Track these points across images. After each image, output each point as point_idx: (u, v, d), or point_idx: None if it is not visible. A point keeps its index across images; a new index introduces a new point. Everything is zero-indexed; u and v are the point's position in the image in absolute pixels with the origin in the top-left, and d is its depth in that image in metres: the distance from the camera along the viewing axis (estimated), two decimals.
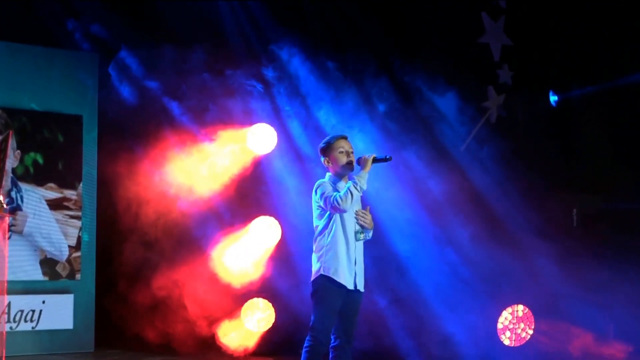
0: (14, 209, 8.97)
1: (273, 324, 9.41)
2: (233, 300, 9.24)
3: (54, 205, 9.25)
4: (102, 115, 9.47)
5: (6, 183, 8.90)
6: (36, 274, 9.13)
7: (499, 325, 9.37)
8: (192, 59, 9.14)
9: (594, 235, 9.67)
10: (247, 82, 9.22)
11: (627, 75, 9.52)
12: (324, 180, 6.12)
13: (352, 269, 5.99)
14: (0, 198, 8.19)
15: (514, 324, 9.43)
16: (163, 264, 9.25)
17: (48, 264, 9.19)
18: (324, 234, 6.02)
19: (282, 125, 9.39)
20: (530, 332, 9.51)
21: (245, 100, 9.25)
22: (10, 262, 8.76)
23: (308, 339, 5.95)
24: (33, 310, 9.03)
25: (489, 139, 9.70)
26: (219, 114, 9.16)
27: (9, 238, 8.85)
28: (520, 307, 9.46)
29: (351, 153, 6.13)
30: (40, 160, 9.21)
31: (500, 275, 9.16)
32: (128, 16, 9.07)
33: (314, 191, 6.09)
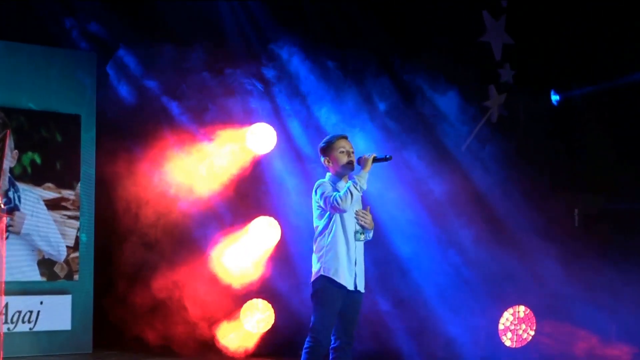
0: (12, 209, 8.92)
1: (273, 325, 9.37)
2: (232, 301, 9.20)
3: (52, 205, 9.20)
4: (101, 114, 9.42)
5: (4, 183, 8.87)
6: (34, 275, 9.08)
7: (500, 326, 9.31)
8: (192, 58, 9.11)
9: (596, 235, 9.65)
10: (247, 82, 9.19)
11: (629, 74, 9.51)
12: (324, 180, 6.09)
13: (352, 270, 5.96)
14: None
15: (515, 325, 9.38)
16: (162, 264, 9.20)
17: (46, 264, 9.14)
18: (324, 234, 5.99)
19: (282, 125, 9.36)
20: (532, 333, 9.46)
21: (244, 100, 9.22)
22: (7, 263, 8.76)
23: (308, 340, 5.92)
24: (31, 311, 8.98)
25: (490, 138, 9.69)
26: (218, 114, 9.13)
27: (7, 238, 8.80)
28: (522, 308, 9.41)
29: (352, 153, 6.10)
30: (38, 160, 9.16)
31: (501, 276, 9.12)
32: (126, 15, 9.04)
33: (314, 191, 6.06)
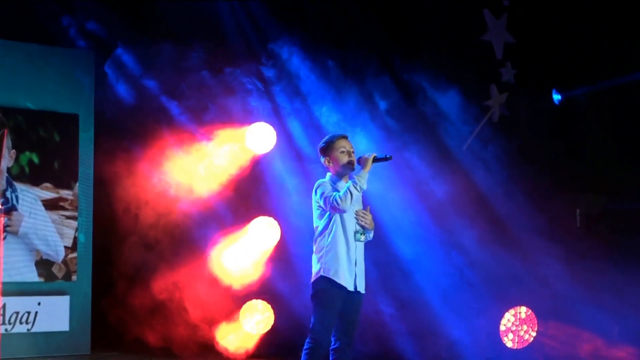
0: (9, 209, 8.88)
1: (272, 326, 9.34)
2: (232, 302, 9.16)
3: (50, 205, 9.15)
4: (99, 114, 9.36)
5: (1, 183, 8.82)
6: (31, 275, 9.02)
7: (502, 328, 9.28)
8: (191, 58, 9.08)
9: (598, 235, 9.60)
10: (247, 81, 9.16)
11: (631, 73, 9.47)
12: (324, 180, 6.08)
13: (353, 270, 5.94)
14: None
15: (516, 326, 9.35)
16: (162, 265, 9.16)
17: (44, 265, 9.09)
18: (324, 235, 5.97)
19: (282, 125, 9.32)
20: (533, 334, 9.43)
21: (244, 99, 9.19)
22: (5, 263, 8.67)
23: (308, 341, 5.90)
24: (28, 312, 8.93)
25: (492, 138, 9.66)
26: (217, 113, 9.09)
27: (4, 239, 8.74)
28: (523, 309, 9.39)
29: (352, 152, 6.09)
30: (35, 159, 9.10)
31: (502, 277, 9.08)
32: (124, 13, 8.98)
33: (313, 191, 6.04)
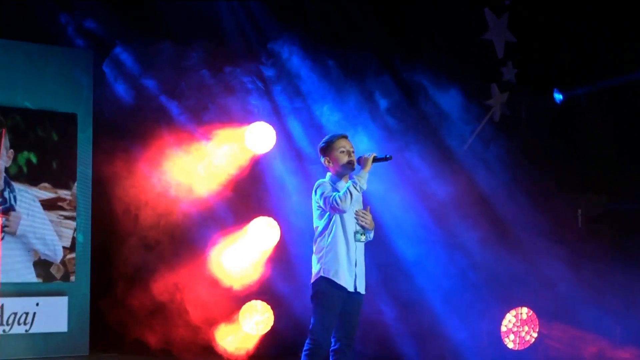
0: (7, 209, 8.83)
1: (272, 327, 9.29)
2: (231, 302, 9.12)
3: (48, 205, 9.10)
4: (97, 113, 9.32)
5: None
6: (30, 276, 8.97)
7: (503, 328, 9.24)
8: (190, 57, 9.06)
9: (600, 236, 9.55)
10: (247, 80, 9.13)
11: (634, 72, 9.44)
12: (324, 180, 6.06)
13: (353, 271, 5.92)
14: None
15: (518, 327, 9.30)
16: (161, 266, 9.12)
17: (42, 265, 9.04)
18: (323, 235, 5.95)
19: (282, 124, 9.29)
20: (535, 335, 9.39)
21: (244, 99, 9.16)
22: (3, 264, 8.66)
23: (308, 342, 5.88)
24: (26, 313, 8.88)
25: (493, 137, 9.62)
26: (217, 113, 9.05)
27: (2, 239, 8.72)
28: (525, 310, 9.35)
29: (352, 152, 6.07)
30: (33, 159, 9.05)
31: (503, 277, 9.04)
32: (123, 12, 8.94)
33: (313, 191, 6.03)
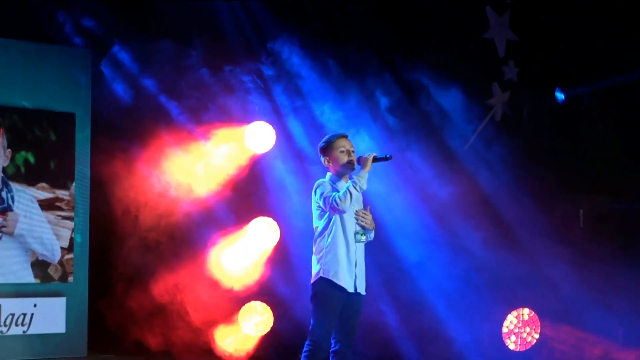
0: (5, 209, 8.78)
1: (271, 328, 9.24)
2: (230, 303, 9.07)
3: (46, 205, 9.04)
4: (96, 113, 9.26)
5: None
6: (27, 277, 8.91)
7: (504, 330, 9.21)
8: (189, 55, 9.02)
9: (602, 236, 9.52)
10: (246, 79, 9.08)
11: (637, 71, 9.39)
12: (324, 180, 6.05)
13: (353, 272, 5.90)
14: None
15: (519, 328, 9.28)
16: (160, 266, 9.07)
17: (40, 266, 8.99)
18: (323, 235, 5.94)
19: (282, 124, 9.25)
20: (536, 337, 9.35)
21: (244, 98, 9.12)
22: (0, 265, 8.64)
23: (307, 343, 5.87)
24: (24, 314, 8.83)
25: (494, 137, 9.59)
26: (216, 112, 9.01)
27: (0, 239, 8.67)
28: (526, 311, 9.32)
29: (352, 152, 6.06)
30: (31, 159, 8.99)
31: (505, 278, 9.01)
32: (121, 10, 8.88)
33: (313, 191, 6.01)
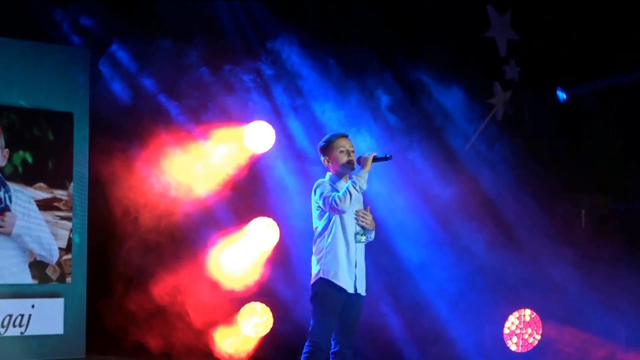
0: (2, 209, 8.73)
1: (271, 329, 9.20)
2: (229, 304, 9.02)
3: (44, 205, 8.99)
4: (94, 112, 9.21)
5: None
6: (25, 277, 8.86)
7: (506, 331, 9.18)
8: (189, 55, 8.95)
9: (604, 236, 9.48)
10: (245, 79, 9.04)
11: (639, 71, 9.35)
12: (324, 180, 6.02)
13: (353, 272, 5.87)
14: None
15: (520, 329, 9.24)
16: (159, 267, 9.02)
17: (37, 266, 8.93)
18: (323, 236, 5.91)
19: (282, 123, 9.20)
20: (538, 338, 9.32)
21: (243, 98, 9.06)
22: None
23: (307, 344, 5.85)
24: (22, 315, 8.79)
25: (495, 136, 9.55)
26: (216, 112, 8.95)
27: None
28: (528, 312, 9.29)
29: (352, 152, 6.04)
30: (29, 159, 8.94)
31: (506, 279, 8.98)
32: (119, 8, 8.84)
33: (313, 191, 5.99)
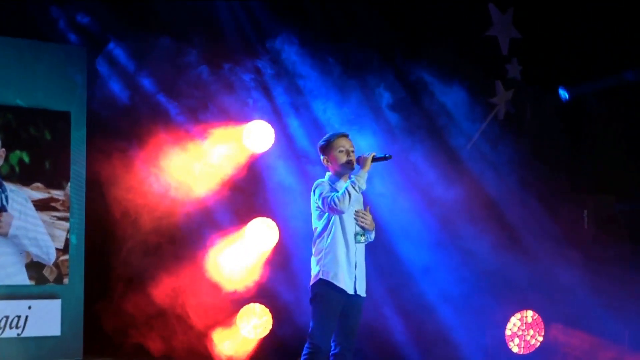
0: None
1: (270, 331, 9.16)
2: (228, 305, 8.99)
3: (41, 206, 8.91)
4: (91, 111, 9.15)
5: None
6: (22, 278, 8.78)
7: (507, 332, 9.13)
8: (187, 53, 8.92)
9: (608, 237, 9.46)
10: (245, 78, 9.01)
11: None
12: (323, 180, 5.99)
13: (352, 273, 5.84)
14: None
15: (523, 331, 9.19)
16: (158, 268, 8.99)
17: (34, 267, 8.86)
18: (323, 236, 5.88)
19: (282, 123, 9.17)
20: (540, 339, 9.28)
21: (242, 97, 9.03)
22: None
23: (307, 346, 5.82)
24: (19, 316, 8.71)
25: (497, 136, 9.52)
26: (215, 111, 8.92)
27: None
28: (529, 313, 9.24)
29: (351, 152, 6.00)
30: (26, 158, 8.86)
31: (508, 280, 8.94)
32: (117, 6, 8.80)
33: (312, 191, 5.96)
